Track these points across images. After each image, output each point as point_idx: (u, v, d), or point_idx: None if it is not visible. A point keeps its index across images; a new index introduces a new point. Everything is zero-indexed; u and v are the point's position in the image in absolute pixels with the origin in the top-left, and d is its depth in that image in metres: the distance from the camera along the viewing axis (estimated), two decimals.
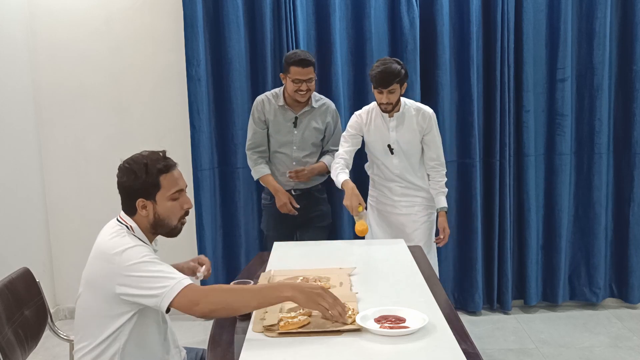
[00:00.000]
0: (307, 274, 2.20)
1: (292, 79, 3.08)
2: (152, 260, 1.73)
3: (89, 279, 1.80)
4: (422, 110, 3.06)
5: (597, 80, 3.70)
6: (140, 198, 1.81)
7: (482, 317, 3.83)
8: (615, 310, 3.87)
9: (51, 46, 3.76)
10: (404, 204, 3.15)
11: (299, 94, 3.12)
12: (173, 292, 1.68)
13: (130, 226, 1.83)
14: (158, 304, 1.69)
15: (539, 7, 3.66)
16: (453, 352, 1.57)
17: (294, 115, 3.22)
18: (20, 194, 3.62)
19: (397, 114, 3.05)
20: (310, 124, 3.25)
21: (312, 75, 3.10)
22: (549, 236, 3.88)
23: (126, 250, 1.73)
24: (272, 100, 3.24)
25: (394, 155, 3.09)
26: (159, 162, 1.82)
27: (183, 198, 1.88)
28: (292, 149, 3.27)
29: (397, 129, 3.06)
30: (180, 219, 1.89)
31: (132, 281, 1.70)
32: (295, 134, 3.24)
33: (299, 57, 3.06)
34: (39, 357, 3.29)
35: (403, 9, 3.59)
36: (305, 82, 3.08)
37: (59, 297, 3.97)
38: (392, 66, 2.89)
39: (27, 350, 2.02)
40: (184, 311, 1.70)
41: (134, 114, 3.85)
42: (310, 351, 1.60)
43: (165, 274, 1.71)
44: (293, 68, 3.06)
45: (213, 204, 3.78)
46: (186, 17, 3.57)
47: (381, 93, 2.93)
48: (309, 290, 1.72)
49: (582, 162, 3.84)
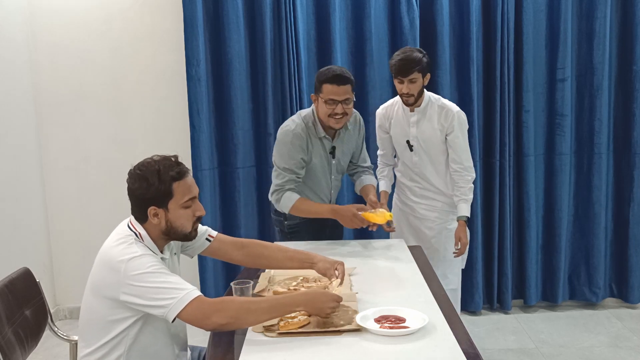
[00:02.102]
0: (307, 274, 2.20)
1: (325, 100, 2.55)
2: (159, 271, 1.68)
3: (93, 284, 1.77)
4: (446, 108, 2.85)
5: (597, 80, 3.71)
6: (152, 206, 1.76)
7: (482, 317, 3.83)
8: (615, 310, 3.87)
9: (51, 47, 3.76)
10: (423, 207, 2.99)
11: (333, 119, 2.58)
12: (181, 303, 1.64)
13: (139, 233, 1.78)
14: (165, 314, 1.66)
15: (539, 7, 3.66)
16: (453, 352, 1.57)
17: (330, 144, 2.74)
18: (20, 194, 3.63)
19: (419, 108, 2.86)
20: (347, 148, 2.84)
21: (350, 95, 2.56)
22: (549, 236, 3.88)
23: (132, 259, 1.68)
24: (312, 133, 2.68)
25: (413, 152, 2.92)
26: (172, 169, 1.76)
27: (195, 205, 1.82)
28: (330, 179, 2.83)
29: (418, 124, 2.88)
30: (194, 225, 1.84)
31: (137, 291, 1.66)
32: (333, 164, 2.80)
33: (334, 72, 2.55)
34: (39, 357, 3.29)
35: (403, 9, 3.59)
36: (341, 103, 2.55)
37: (59, 297, 3.97)
38: (413, 54, 2.72)
39: (27, 350, 2.02)
40: (194, 324, 1.67)
41: (134, 114, 3.85)
42: (310, 351, 1.60)
43: (173, 285, 1.66)
44: (326, 86, 2.54)
45: (213, 204, 3.77)
46: (186, 17, 3.57)
47: (401, 82, 2.75)
48: (320, 303, 1.72)
49: (582, 162, 3.84)
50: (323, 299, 1.73)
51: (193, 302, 1.64)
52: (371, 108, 3.60)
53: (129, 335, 1.77)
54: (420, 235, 3.03)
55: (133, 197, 1.79)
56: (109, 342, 1.77)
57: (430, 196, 2.99)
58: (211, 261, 3.76)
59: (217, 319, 1.65)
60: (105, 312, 1.74)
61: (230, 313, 1.66)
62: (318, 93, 2.60)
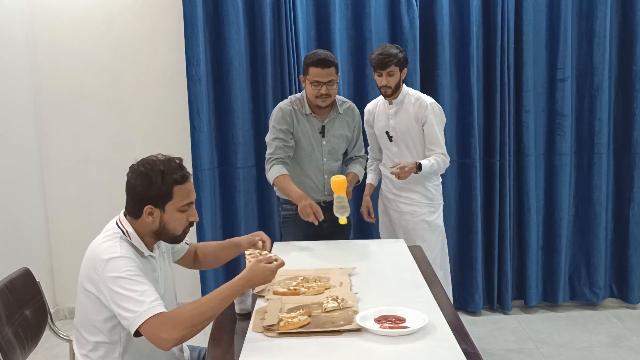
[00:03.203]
0: (307, 274, 2.20)
1: (311, 82, 2.82)
2: (132, 278, 1.65)
3: (80, 281, 1.79)
4: (420, 99, 3.04)
5: (597, 80, 3.71)
6: (149, 205, 1.76)
7: (482, 317, 3.83)
8: (615, 310, 3.87)
9: (51, 47, 3.76)
10: (403, 200, 3.13)
11: (319, 99, 2.84)
12: (140, 318, 1.61)
13: (126, 231, 1.78)
14: (128, 327, 1.64)
15: (539, 7, 3.66)
16: (453, 352, 1.57)
17: (320, 124, 2.95)
18: (20, 194, 3.62)
19: (396, 100, 3.06)
20: (339, 131, 3.00)
21: (334, 77, 2.83)
22: (549, 236, 3.88)
23: (111, 260, 1.68)
24: (298, 108, 2.94)
25: (392, 142, 3.11)
26: (176, 172, 1.77)
27: (191, 210, 1.83)
28: (322, 161, 2.98)
29: (396, 115, 3.07)
30: (184, 230, 1.85)
31: (109, 294, 1.66)
32: (324, 145, 2.96)
33: (319, 56, 2.81)
34: (39, 357, 3.29)
35: (403, 9, 3.59)
36: (325, 84, 2.80)
37: (59, 297, 3.97)
38: (391, 50, 2.97)
39: (27, 350, 2.02)
40: (152, 342, 1.63)
41: (134, 114, 3.85)
42: (310, 351, 1.60)
43: (139, 297, 1.63)
44: (312, 69, 2.80)
45: (213, 204, 3.78)
46: (186, 17, 3.56)
47: (380, 76, 2.98)
48: (261, 279, 1.77)
49: (582, 162, 3.84)
50: (262, 274, 1.77)
51: (151, 320, 1.61)
52: None
53: (122, 336, 1.78)
54: (399, 228, 3.17)
55: (132, 193, 1.78)
56: (102, 344, 1.78)
57: (410, 187, 3.09)
58: None
59: (173, 335, 1.60)
60: (94, 310, 1.75)
61: (185, 324, 1.62)
62: (305, 75, 2.87)
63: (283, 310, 1.84)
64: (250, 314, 1.89)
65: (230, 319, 1.91)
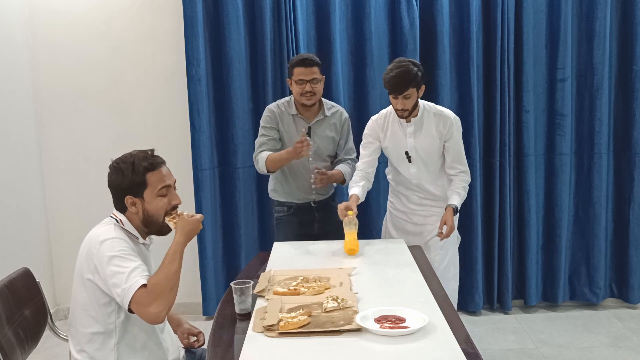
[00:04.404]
0: (307, 274, 2.20)
1: (296, 80, 2.95)
2: (125, 256, 1.76)
3: (76, 275, 1.86)
4: (443, 115, 2.83)
5: (597, 80, 3.71)
6: (128, 195, 1.87)
7: (482, 317, 3.83)
8: (615, 310, 3.87)
9: (51, 47, 3.76)
10: (420, 212, 2.96)
11: (305, 97, 2.96)
12: (129, 293, 1.71)
13: (119, 219, 1.89)
14: (122, 304, 1.73)
15: (539, 7, 3.66)
16: (453, 352, 1.57)
17: (307, 124, 3.05)
18: (20, 194, 3.62)
19: (415, 119, 2.82)
20: (325, 133, 3.08)
21: (317, 75, 2.96)
22: (549, 236, 3.88)
23: (106, 240, 1.78)
24: (284, 109, 3.08)
25: (411, 163, 2.88)
26: (146, 160, 1.88)
27: (171, 194, 1.92)
28: (308, 161, 3.05)
29: (415, 135, 2.83)
30: (167, 215, 1.90)
31: (104, 273, 1.74)
32: (310, 145, 2.94)
33: (301, 57, 2.98)
34: (39, 357, 3.29)
35: (403, 9, 3.59)
36: (309, 82, 2.93)
37: (59, 297, 3.97)
38: (407, 69, 2.66)
39: (27, 350, 2.02)
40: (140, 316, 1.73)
41: (134, 114, 3.85)
42: (310, 351, 1.60)
43: (129, 272, 1.72)
44: (296, 69, 2.95)
45: (213, 204, 3.78)
46: (186, 17, 3.57)
47: (396, 99, 2.71)
48: (194, 232, 1.88)
49: (582, 162, 3.84)
50: (192, 225, 1.88)
51: (136, 295, 1.71)
52: (371, 108, 3.60)
53: (117, 324, 1.83)
54: (418, 238, 2.97)
55: (111, 188, 1.92)
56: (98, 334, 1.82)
57: (428, 204, 2.96)
58: (212, 261, 3.76)
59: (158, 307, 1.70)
60: (92, 298, 1.80)
61: (160, 292, 1.72)
62: (291, 76, 3.01)
63: (283, 310, 1.84)
64: (250, 314, 1.89)
65: (230, 319, 1.91)
